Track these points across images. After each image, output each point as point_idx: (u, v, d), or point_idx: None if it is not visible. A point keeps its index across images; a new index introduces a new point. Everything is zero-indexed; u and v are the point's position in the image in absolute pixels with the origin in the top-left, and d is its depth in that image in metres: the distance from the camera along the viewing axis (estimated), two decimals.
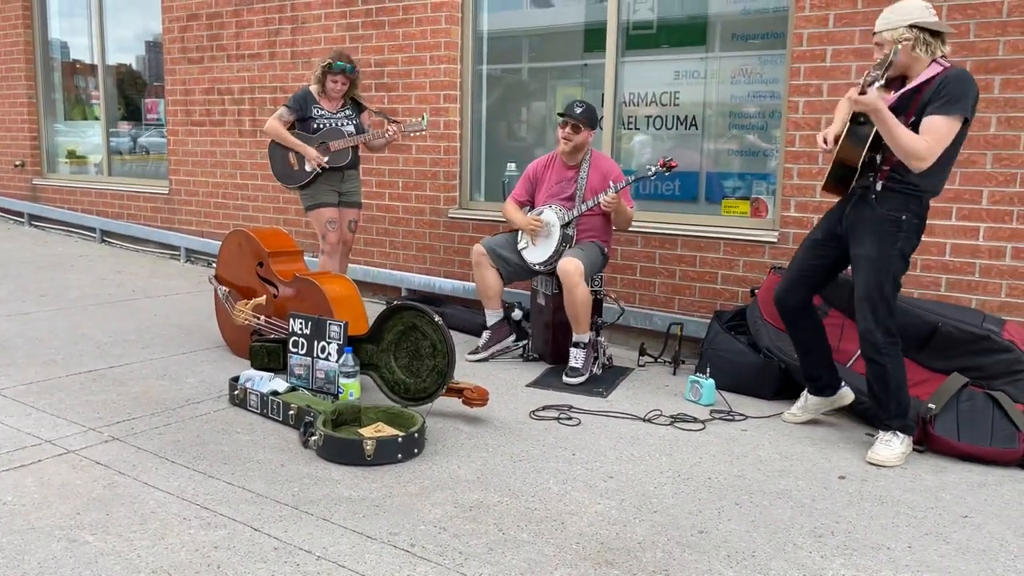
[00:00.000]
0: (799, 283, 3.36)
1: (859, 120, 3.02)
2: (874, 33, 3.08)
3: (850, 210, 3.19)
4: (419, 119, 4.72)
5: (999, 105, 3.78)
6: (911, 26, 2.96)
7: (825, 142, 3.17)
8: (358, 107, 4.87)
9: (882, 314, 3.09)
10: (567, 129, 4.24)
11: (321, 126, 4.72)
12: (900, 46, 2.96)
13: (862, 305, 3.12)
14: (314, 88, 4.75)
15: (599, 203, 4.11)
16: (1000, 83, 3.78)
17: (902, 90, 3.04)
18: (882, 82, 2.90)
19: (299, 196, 4.91)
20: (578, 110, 4.23)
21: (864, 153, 3.02)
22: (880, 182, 3.07)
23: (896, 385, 3.13)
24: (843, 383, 3.52)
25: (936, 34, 2.99)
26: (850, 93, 2.98)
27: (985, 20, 3.79)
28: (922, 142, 2.89)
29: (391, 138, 4.69)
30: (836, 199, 3.31)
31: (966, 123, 2.95)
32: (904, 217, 3.04)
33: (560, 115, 4.30)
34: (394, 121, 4.75)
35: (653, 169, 4.10)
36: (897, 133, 2.90)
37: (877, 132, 2.96)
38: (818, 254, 3.33)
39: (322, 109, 4.75)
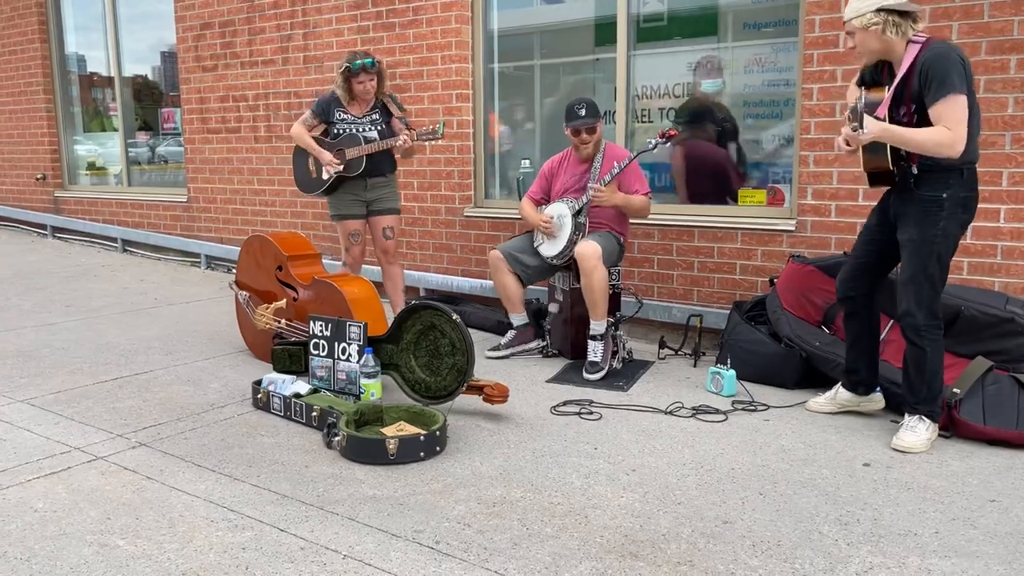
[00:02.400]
0: (860, 271, 3.34)
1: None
2: (844, 22, 3.08)
3: (895, 196, 3.17)
4: (435, 127, 4.42)
5: (1016, 85, 3.74)
6: (878, 10, 2.95)
7: (847, 143, 3.15)
8: (387, 112, 4.60)
9: (926, 295, 3.06)
10: (583, 134, 4.25)
11: (341, 131, 4.55)
12: (862, 96, 3.00)
13: (906, 288, 3.09)
14: (340, 92, 4.52)
15: (589, 200, 4.11)
16: (1016, 63, 3.73)
17: (892, 85, 3.02)
18: (864, 131, 2.89)
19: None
20: (583, 112, 4.23)
21: (889, 157, 3.01)
22: (914, 166, 3.04)
23: (932, 371, 3.10)
24: (879, 388, 3.48)
25: (905, 14, 2.97)
26: (844, 132, 2.97)
27: (999, 0, 3.75)
28: (944, 132, 2.86)
29: (403, 145, 4.42)
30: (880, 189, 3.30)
31: (969, 91, 2.92)
32: (945, 195, 3.00)
33: (571, 124, 4.26)
34: (411, 128, 4.50)
35: (653, 142, 4.09)
36: (915, 139, 2.89)
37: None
38: (872, 240, 3.31)
39: (345, 114, 4.56)
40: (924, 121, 2.95)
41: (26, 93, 8.63)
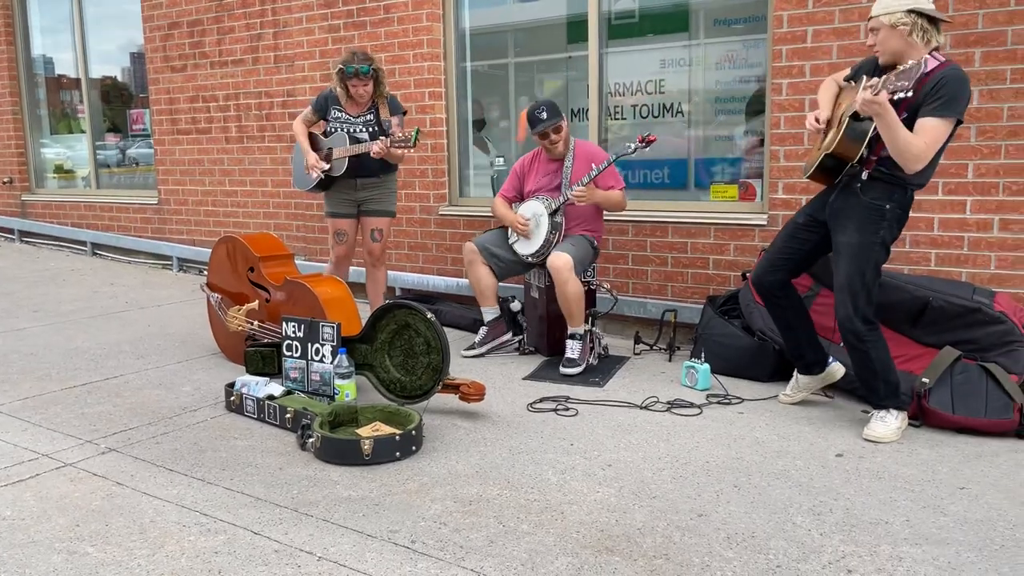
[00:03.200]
0: (778, 265, 3.37)
1: (859, 117, 3.00)
2: (870, 17, 3.03)
3: (835, 198, 3.19)
4: (408, 134, 4.29)
5: (980, 78, 3.79)
6: (909, 11, 2.94)
7: (817, 121, 3.16)
8: (379, 116, 4.49)
9: (862, 302, 3.09)
10: (551, 136, 4.26)
11: (333, 130, 4.51)
12: (928, 56, 2.93)
13: (842, 293, 3.12)
14: (338, 90, 4.48)
15: (570, 199, 4.12)
16: (980, 56, 3.79)
17: (923, 70, 3.00)
18: (909, 93, 2.83)
19: None
20: (545, 115, 4.23)
21: (863, 148, 3.02)
22: (866, 171, 3.07)
23: (882, 366, 3.14)
24: (831, 359, 3.53)
25: (933, 21, 2.97)
26: (865, 89, 2.86)
27: None
28: (919, 144, 2.87)
29: (377, 153, 4.30)
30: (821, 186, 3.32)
31: (958, 123, 2.95)
32: (888, 207, 3.05)
33: (536, 129, 4.26)
34: (389, 134, 4.39)
35: (632, 146, 4.10)
36: (899, 135, 2.88)
37: (876, 129, 2.94)
38: (798, 238, 3.34)
39: (341, 112, 4.51)
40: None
41: None
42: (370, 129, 4.49)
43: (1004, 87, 3.76)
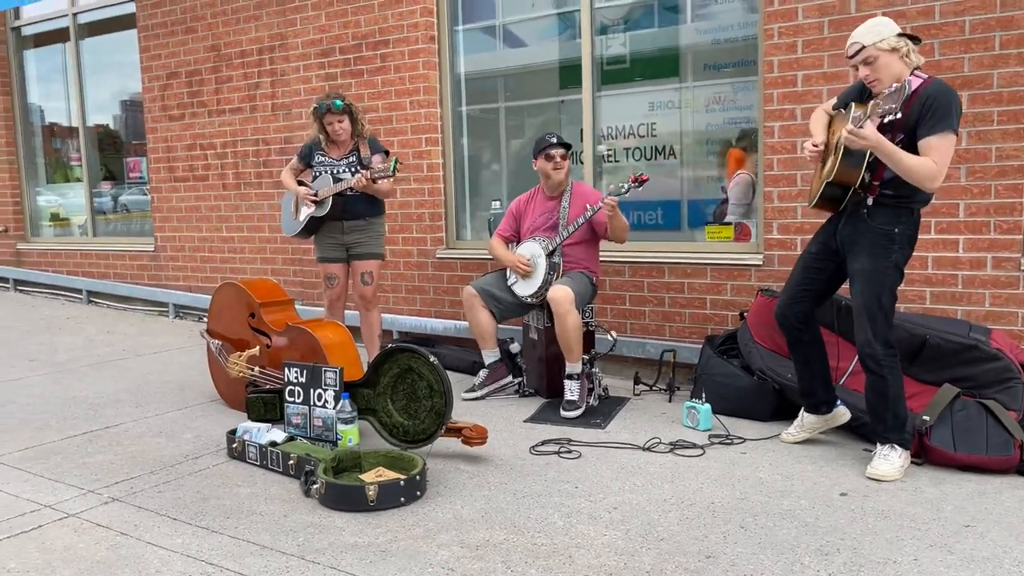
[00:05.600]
0: (798, 296, 3.40)
1: (851, 150, 3.06)
2: (858, 50, 3.05)
3: (843, 225, 3.24)
4: (387, 165, 4.40)
5: (968, 120, 3.88)
6: (899, 35, 3.03)
7: (815, 146, 3.21)
8: (360, 156, 4.60)
9: (880, 326, 3.13)
10: (556, 158, 4.33)
11: (317, 174, 4.63)
12: (910, 76, 3.02)
13: (860, 318, 3.16)
14: (320, 136, 4.64)
15: (602, 206, 4.12)
16: (968, 99, 3.88)
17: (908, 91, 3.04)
18: (898, 115, 2.93)
19: None
20: (555, 139, 4.36)
21: (863, 172, 3.07)
22: (871, 197, 3.13)
23: (894, 397, 3.16)
24: (839, 401, 3.55)
25: (915, 40, 3.09)
26: (847, 128, 2.95)
27: (949, 39, 3.90)
28: (931, 164, 2.93)
29: (357, 184, 4.39)
30: (824, 216, 3.37)
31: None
32: (897, 230, 3.10)
33: (546, 148, 4.34)
34: (368, 167, 4.49)
35: (626, 186, 4.15)
36: (904, 161, 2.93)
37: (872, 153, 3.00)
38: (814, 267, 3.37)
39: (324, 156, 4.63)
40: (909, 152, 3.01)
41: None
42: (352, 170, 4.59)
43: (992, 128, 3.85)
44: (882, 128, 3.03)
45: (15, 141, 8.45)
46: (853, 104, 3.11)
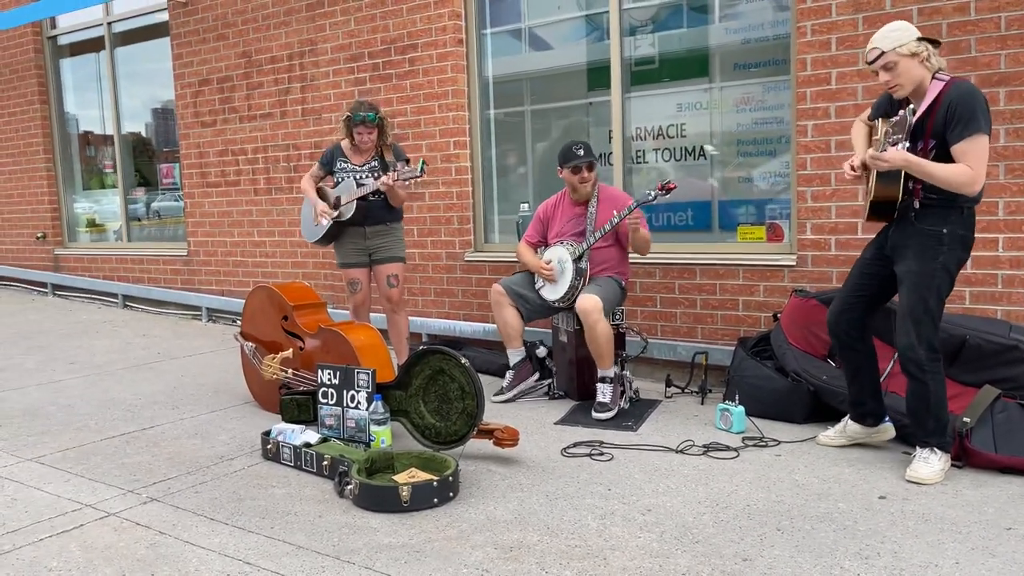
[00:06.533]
0: (851, 303, 3.35)
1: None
2: (878, 56, 3.05)
3: (894, 230, 3.20)
4: (415, 166, 4.45)
5: (1006, 117, 3.81)
6: (919, 39, 3.00)
7: (853, 168, 3.19)
8: (385, 161, 4.63)
9: (925, 330, 3.07)
10: (583, 172, 4.30)
11: (340, 179, 4.67)
12: (911, 107, 3.01)
13: (905, 321, 3.10)
14: (344, 142, 4.70)
15: (627, 214, 4.10)
16: (1005, 95, 3.82)
17: (914, 118, 3.04)
18: (907, 144, 2.93)
19: None
20: (582, 152, 4.30)
21: (901, 186, 3.05)
22: (916, 200, 3.09)
23: (936, 402, 3.10)
24: (887, 417, 3.47)
25: (936, 44, 3.05)
26: (869, 154, 2.99)
27: (985, 35, 3.84)
28: (966, 170, 2.90)
29: (384, 185, 4.41)
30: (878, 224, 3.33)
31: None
32: (945, 231, 3.04)
33: (571, 163, 4.31)
34: (394, 169, 4.51)
35: (653, 194, 4.12)
36: (936, 173, 2.92)
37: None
38: (868, 273, 3.32)
39: (347, 163, 4.67)
40: (940, 157, 2.99)
41: (26, 154, 8.71)
42: (375, 175, 4.61)
43: None
44: (911, 136, 3.02)
45: (52, 149, 8.62)
46: (880, 120, 3.11)
